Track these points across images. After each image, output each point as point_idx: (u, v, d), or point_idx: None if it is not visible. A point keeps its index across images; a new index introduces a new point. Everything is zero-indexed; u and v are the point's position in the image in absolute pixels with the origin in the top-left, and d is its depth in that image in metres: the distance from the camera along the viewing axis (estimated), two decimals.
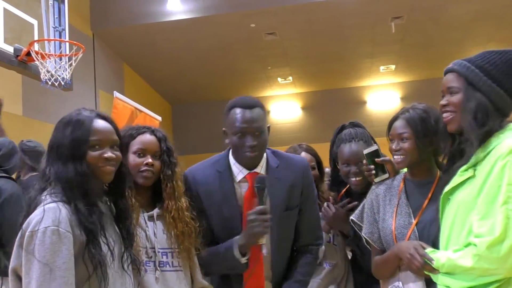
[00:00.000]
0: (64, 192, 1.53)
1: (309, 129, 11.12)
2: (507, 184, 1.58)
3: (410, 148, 1.95)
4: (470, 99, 1.73)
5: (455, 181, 1.74)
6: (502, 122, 1.72)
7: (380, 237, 2.02)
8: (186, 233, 1.94)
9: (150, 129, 2.02)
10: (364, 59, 10.05)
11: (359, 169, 2.29)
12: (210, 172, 2.12)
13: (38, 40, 4.00)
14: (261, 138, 2.01)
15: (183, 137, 11.62)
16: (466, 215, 1.67)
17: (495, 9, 7.97)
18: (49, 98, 6.36)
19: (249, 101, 2.05)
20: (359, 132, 2.39)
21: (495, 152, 1.65)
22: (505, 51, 1.76)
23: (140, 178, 1.93)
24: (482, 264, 1.57)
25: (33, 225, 1.45)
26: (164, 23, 8.03)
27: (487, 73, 1.73)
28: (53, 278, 1.41)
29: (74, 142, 1.58)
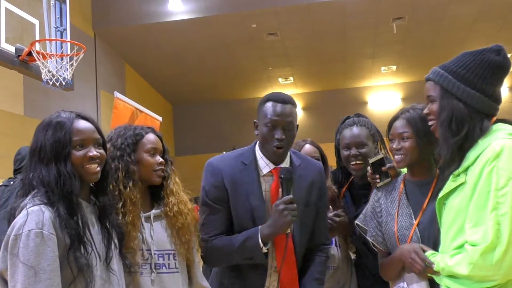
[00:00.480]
0: (47, 195, 1.53)
1: (310, 130, 11.09)
2: (495, 189, 1.58)
3: (411, 147, 1.97)
4: (445, 108, 1.74)
5: (448, 187, 1.74)
6: (483, 125, 1.71)
7: (385, 239, 2.04)
8: (185, 225, 1.95)
9: (152, 129, 2.04)
10: (366, 59, 10.06)
11: (359, 152, 2.33)
12: (235, 163, 2.15)
13: (40, 40, 4.00)
14: (290, 133, 2.08)
15: (184, 138, 11.64)
16: (462, 222, 1.67)
17: (497, 10, 7.96)
18: (51, 98, 6.37)
19: (283, 97, 2.11)
20: (362, 119, 2.43)
21: (483, 157, 1.65)
22: (480, 52, 1.75)
23: (156, 177, 1.95)
24: (477, 272, 1.57)
25: (17, 229, 1.45)
26: (166, 23, 8.04)
27: (460, 77, 1.74)
28: (38, 281, 1.41)
29: (56, 143, 1.58)
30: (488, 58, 1.73)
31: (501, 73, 1.76)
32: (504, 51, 1.76)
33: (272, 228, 1.99)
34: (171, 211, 1.93)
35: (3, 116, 6.19)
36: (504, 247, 1.52)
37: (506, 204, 1.55)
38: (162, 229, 1.94)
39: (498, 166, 1.60)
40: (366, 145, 2.35)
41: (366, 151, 2.35)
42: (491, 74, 1.73)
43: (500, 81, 1.77)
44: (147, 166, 1.93)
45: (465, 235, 1.63)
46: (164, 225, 1.95)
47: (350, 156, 2.36)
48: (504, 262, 1.53)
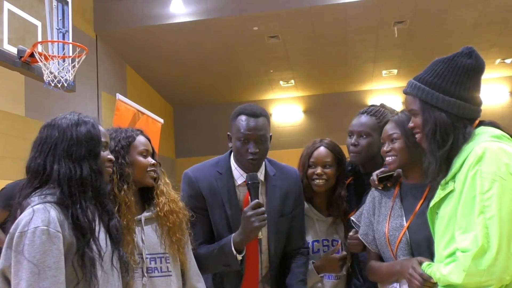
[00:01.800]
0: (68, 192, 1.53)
1: (310, 133, 11.11)
2: (480, 193, 1.57)
3: (400, 147, 1.98)
4: (428, 121, 1.74)
5: (438, 195, 1.74)
6: (466, 132, 1.71)
7: (375, 238, 2.04)
8: (176, 224, 1.96)
9: (141, 131, 2.07)
10: (367, 63, 10.06)
11: (358, 142, 2.31)
12: (210, 172, 2.20)
13: (42, 41, 4.00)
14: (263, 146, 2.10)
15: (185, 140, 11.64)
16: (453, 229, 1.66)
17: (498, 14, 7.97)
18: (52, 99, 6.38)
19: (255, 110, 2.14)
20: (377, 109, 2.36)
21: (467, 162, 1.64)
22: (450, 58, 1.75)
23: (149, 178, 1.97)
24: (470, 279, 1.55)
25: (22, 226, 1.45)
26: (167, 25, 8.05)
27: (437, 87, 1.73)
28: (43, 278, 1.41)
29: (90, 140, 1.61)
30: (460, 63, 1.73)
31: (476, 75, 1.75)
32: (475, 52, 1.75)
33: (242, 236, 2.02)
34: (161, 211, 1.94)
35: (4, 117, 6.20)
36: (495, 250, 1.51)
37: (492, 207, 1.54)
38: (152, 232, 1.94)
39: (481, 169, 1.59)
40: (369, 135, 2.30)
41: (366, 141, 2.31)
42: (467, 79, 1.73)
43: (477, 82, 1.76)
44: (140, 168, 1.94)
45: (456, 243, 1.62)
46: (155, 227, 1.95)
47: (350, 144, 2.34)
48: (496, 266, 1.51)
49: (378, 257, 2.07)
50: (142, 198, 2.01)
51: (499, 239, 1.51)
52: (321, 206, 2.44)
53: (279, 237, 2.20)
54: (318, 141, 2.43)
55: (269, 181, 2.20)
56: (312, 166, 2.37)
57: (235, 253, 2.02)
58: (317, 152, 2.38)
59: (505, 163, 1.59)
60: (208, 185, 2.16)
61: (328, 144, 2.41)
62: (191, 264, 2.03)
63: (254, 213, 1.96)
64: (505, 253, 1.51)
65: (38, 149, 1.60)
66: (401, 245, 1.92)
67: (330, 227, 2.42)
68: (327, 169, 2.35)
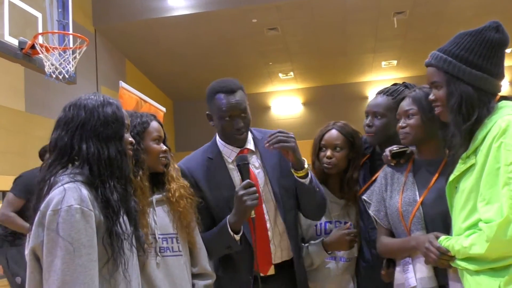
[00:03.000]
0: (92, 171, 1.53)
1: (310, 125, 11.11)
2: (505, 165, 1.56)
3: (416, 124, 1.96)
4: (453, 93, 1.72)
5: (459, 169, 1.73)
6: (490, 106, 1.70)
7: (387, 214, 2.05)
8: (187, 208, 1.97)
9: (154, 116, 2.07)
10: (366, 54, 10.06)
11: (372, 123, 2.27)
12: (201, 160, 2.21)
13: (43, 33, 3.98)
14: (246, 119, 2.12)
15: (184, 134, 11.64)
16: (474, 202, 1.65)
17: (498, 4, 7.97)
18: (52, 94, 6.37)
19: (231, 85, 2.13)
20: (392, 88, 2.32)
21: (490, 135, 1.64)
22: (479, 31, 1.72)
23: (160, 164, 1.97)
24: (494, 249, 1.55)
25: (54, 204, 1.44)
26: (166, 18, 8.03)
27: (464, 60, 1.71)
28: (78, 256, 1.41)
29: (116, 122, 1.60)
30: (488, 36, 1.71)
31: (502, 50, 1.74)
32: (502, 26, 1.73)
33: (236, 216, 2.02)
34: (173, 197, 1.95)
35: (4, 112, 6.19)
36: None
37: None
38: (164, 213, 1.96)
39: (505, 142, 1.58)
40: (384, 116, 2.26)
41: (381, 122, 2.26)
42: (494, 53, 1.72)
43: (502, 57, 1.75)
44: (153, 154, 1.94)
45: (479, 214, 1.62)
46: (166, 209, 1.97)
47: (365, 125, 2.31)
48: None
49: (390, 233, 2.06)
50: (152, 182, 2.02)
51: None
52: (334, 188, 2.43)
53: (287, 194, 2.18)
54: (331, 124, 2.40)
55: (259, 145, 2.21)
56: (322, 148, 2.36)
57: (232, 234, 2.03)
58: (328, 135, 2.36)
59: None
60: (202, 172, 2.17)
61: (340, 126, 2.37)
62: (200, 246, 2.05)
63: (246, 193, 1.96)
64: None
65: (64, 128, 1.58)
66: (415, 219, 1.92)
67: (343, 209, 2.40)
68: (337, 151, 2.33)
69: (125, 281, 1.54)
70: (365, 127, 2.32)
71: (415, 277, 1.90)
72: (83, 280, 1.41)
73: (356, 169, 2.37)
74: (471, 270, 1.63)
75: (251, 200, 1.96)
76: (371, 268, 2.30)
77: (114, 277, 1.52)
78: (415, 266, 1.91)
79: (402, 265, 1.97)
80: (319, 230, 2.40)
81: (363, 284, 2.37)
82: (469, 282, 1.64)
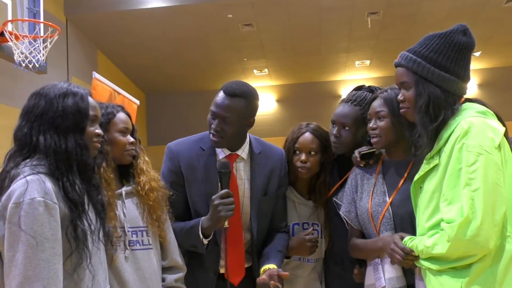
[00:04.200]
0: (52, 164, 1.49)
1: (284, 122, 11.14)
2: (466, 166, 1.61)
3: (386, 127, 1.98)
4: (422, 94, 1.75)
5: (423, 169, 1.76)
6: (455, 107, 1.74)
7: (357, 215, 2.06)
8: (157, 201, 1.96)
9: (122, 107, 2.04)
10: (340, 53, 10.13)
11: (340, 133, 2.26)
12: (194, 148, 2.17)
13: (12, 20, 3.88)
14: (226, 126, 2.05)
15: (157, 127, 11.51)
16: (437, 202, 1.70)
17: (468, 8, 8.13)
18: (20, 83, 6.19)
19: (234, 89, 2.09)
20: (360, 97, 2.29)
21: (452, 136, 1.68)
22: (446, 34, 1.77)
23: (127, 156, 1.95)
24: (455, 249, 1.59)
25: (16, 197, 1.40)
26: (140, 10, 7.91)
27: (433, 62, 1.75)
28: (41, 250, 1.38)
29: (77, 113, 1.56)
30: (456, 39, 1.76)
31: (469, 53, 1.79)
32: (469, 30, 1.79)
33: (209, 222, 2.01)
34: (142, 190, 1.94)
35: None
36: (479, 220, 1.55)
37: (477, 180, 1.58)
38: (133, 206, 1.94)
39: (467, 143, 1.63)
40: (352, 127, 2.25)
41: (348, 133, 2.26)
42: (461, 56, 1.76)
43: (469, 60, 1.80)
44: (119, 146, 1.92)
45: (441, 214, 1.66)
46: (135, 202, 1.95)
47: (331, 134, 2.31)
48: (480, 236, 1.55)
49: (361, 234, 2.09)
50: (120, 174, 1.98)
51: (484, 210, 1.56)
52: (302, 190, 2.42)
53: (263, 216, 2.19)
54: (304, 126, 2.36)
55: (254, 159, 2.18)
56: (296, 152, 2.31)
57: (201, 238, 2.02)
58: (302, 138, 2.31)
59: (490, 137, 1.63)
60: (188, 161, 2.14)
61: (314, 129, 2.34)
62: (171, 239, 2.04)
63: (222, 203, 1.94)
64: (489, 224, 1.55)
65: (24, 118, 1.56)
66: (384, 220, 1.95)
67: (311, 211, 2.39)
68: (312, 155, 2.30)
69: (89, 276, 1.51)
70: (332, 137, 2.30)
71: (383, 277, 1.93)
72: (46, 275, 1.38)
73: (328, 174, 2.36)
74: (434, 269, 1.67)
75: (225, 211, 1.94)
76: (341, 268, 2.31)
77: (77, 271, 1.49)
78: (383, 267, 1.94)
79: (373, 266, 2.00)
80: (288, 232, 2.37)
81: (333, 285, 2.38)
82: (432, 283, 1.69)
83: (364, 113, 2.18)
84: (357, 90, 2.35)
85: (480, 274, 1.59)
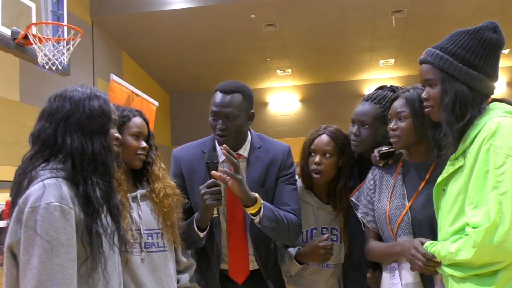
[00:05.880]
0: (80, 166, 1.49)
1: (307, 122, 11.11)
2: (493, 168, 1.53)
3: (408, 127, 1.91)
4: (448, 92, 1.68)
5: (447, 171, 1.69)
6: (482, 107, 1.67)
7: (375, 217, 2.00)
8: (172, 208, 1.97)
9: (140, 112, 2.04)
10: (364, 52, 10.04)
11: (359, 132, 2.21)
12: (195, 152, 2.22)
13: (36, 23, 3.97)
14: (232, 123, 2.09)
15: (180, 127, 11.62)
16: (461, 205, 1.62)
17: (495, 5, 7.95)
18: (47, 84, 6.33)
19: (229, 86, 2.12)
20: (380, 95, 2.24)
21: (479, 137, 1.60)
22: (476, 30, 1.69)
23: (137, 160, 1.96)
24: (480, 255, 1.52)
25: (33, 201, 1.40)
26: (164, 12, 8.00)
27: (461, 59, 1.68)
28: (56, 255, 1.38)
29: (102, 116, 1.57)
30: (486, 36, 1.68)
31: (498, 51, 1.71)
32: (499, 27, 1.71)
33: (200, 213, 2.03)
34: (157, 197, 1.95)
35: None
36: (508, 225, 1.48)
37: (505, 183, 1.51)
38: (148, 209, 1.95)
39: (494, 144, 1.55)
40: (371, 125, 2.20)
41: (368, 132, 2.20)
42: (491, 54, 1.69)
43: (498, 59, 1.72)
44: (130, 149, 1.93)
45: (466, 218, 1.58)
46: (150, 205, 1.96)
47: (352, 133, 2.25)
48: (508, 242, 1.47)
49: (377, 236, 2.02)
50: (134, 177, 2.00)
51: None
52: (321, 194, 2.36)
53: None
54: (322, 128, 2.32)
55: (252, 153, 2.19)
56: (312, 153, 2.28)
57: (197, 231, 2.04)
58: (318, 140, 2.28)
59: None
60: (189, 164, 2.18)
61: (332, 132, 2.29)
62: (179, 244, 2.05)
63: (208, 191, 1.97)
64: None
65: (48, 120, 1.54)
66: (402, 224, 1.87)
67: (330, 215, 2.34)
68: (327, 158, 2.26)
69: (103, 281, 1.51)
70: (351, 135, 2.25)
71: (401, 283, 1.86)
72: (60, 280, 1.38)
73: (348, 178, 2.30)
74: (457, 277, 1.60)
75: (211, 199, 1.96)
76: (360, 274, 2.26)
77: (92, 276, 1.49)
78: (400, 272, 1.87)
79: (389, 270, 1.93)
80: (305, 237, 2.33)
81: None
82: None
83: (384, 111, 2.13)
84: (378, 89, 2.31)
85: (507, 282, 1.51)
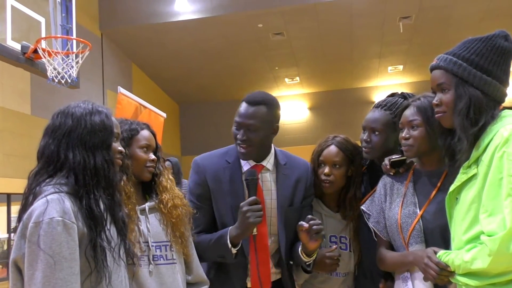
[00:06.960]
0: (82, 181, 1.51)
1: (316, 130, 11.09)
2: (508, 175, 1.52)
3: (420, 136, 1.90)
4: (462, 97, 1.67)
5: (460, 179, 1.67)
6: (494, 112, 1.67)
7: (386, 226, 1.99)
8: (180, 218, 1.97)
9: (147, 125, 2.07)
10: (372, 59, 10.02)
11: (370, 138, 2.21)
12: (220, 161, 2.19)
13: (46, 37, 4.02)
14: (253, 134, 2.07)
15: (190, 137, 11.66)
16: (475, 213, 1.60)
17: (505, 9, 7.91)
18: (58, 97, 6.40)
19: (255, 97, 2.11)
20: (391, 102, 2.24)
21: (492, 144, 1.59)
22: (488, 38, 1.71)
23: (147, 172, 1.97)
24: (497, 264, 1.50)
25: (36, 216, 1.43)
26: (172, 23, 8.06)
27: (475, 64, 1.68)
28: (59, 269, 1.40)
29: (104, 131, 1.59)
30: (499, 43, 1.69)
31: (510, 59, 1.72)
32: (510, 36, 1.72)
33: (238, 230, 2.01)
34: (165, 208, 1.96)
35: (10, 115, 6.23)
36: None
37: None
38: (157, 221, 1.96)
39: (508, 151, 1.54)
40: (382, 132, 2.19)
41: (379, 138, 2.19)
42: (504, 60, 1.69)
43: (509, 66, 1.72)
44: (139, 162, 1.95)
45: (481, 226, 1.56)
46: (159, 217, 1.97)
47: (362, 140, 2.25)
48: None
49: (389, 245, 2.00)
50: (144, 190, 2.01)
51: None
52: (330, 202, 2.37)
53: (289, 226, 2.16)
54: (331, 138, 2.32)
55: (280, 170, 2.18)
56: (321, 165, 2.28)
57: (230, 246, 2.02)
58: (326, 151, 2.28)
59: None
60: (214, 174, 2.15)
61: (340, 142, 2.29)
62: (194, 255, 2.05)
63: (250, 209, 1.95)
64: None
65: (51, 136, 1.58)
66: (414, 232, 1.86)
67: (339, 224, 2.34)
68: (336, 169, 2.26)
69: None
70: (362, 142, 2.25)
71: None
72: None
73: (358, 188, 2.30)
74: (472, 286, 1.58)
75: (254, 217, 1.95)
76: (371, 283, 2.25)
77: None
78: (413, 282, 1.85)
79: (401, 280, 1.91)
80: None
81: None
82: None
83: (395, 118, 2.13)
84: (389, 96, 2.31)
85: None
